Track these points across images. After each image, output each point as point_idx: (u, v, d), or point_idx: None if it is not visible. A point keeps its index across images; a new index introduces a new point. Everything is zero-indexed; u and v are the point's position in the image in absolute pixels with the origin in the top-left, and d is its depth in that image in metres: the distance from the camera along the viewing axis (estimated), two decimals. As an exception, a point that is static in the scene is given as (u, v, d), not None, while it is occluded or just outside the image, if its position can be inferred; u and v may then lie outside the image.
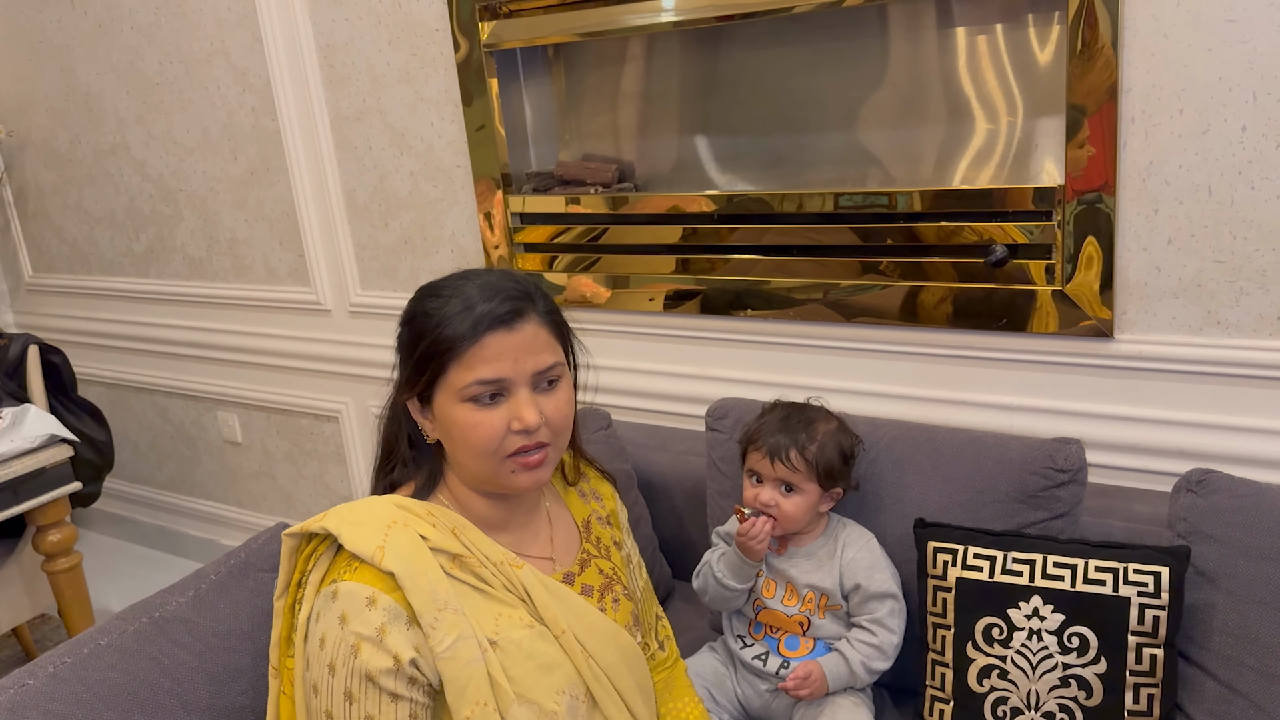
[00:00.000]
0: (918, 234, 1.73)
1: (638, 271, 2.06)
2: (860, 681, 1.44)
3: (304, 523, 1.11)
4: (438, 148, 2.22)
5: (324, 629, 1.03)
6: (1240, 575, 1.33)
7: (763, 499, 1.45)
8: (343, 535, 1.06)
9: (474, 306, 1.08)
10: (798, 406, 1.52)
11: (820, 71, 1.82)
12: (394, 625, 1.01)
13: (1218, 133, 1.46)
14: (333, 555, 1.08)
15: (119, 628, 1.28)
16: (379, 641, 1.00)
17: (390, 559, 1.03)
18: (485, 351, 1.07)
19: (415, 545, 1.06)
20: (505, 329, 1.08)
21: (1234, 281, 1.51)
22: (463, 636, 1.04)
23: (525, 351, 1.09)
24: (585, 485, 1.34)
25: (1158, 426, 1.61)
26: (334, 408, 2.64)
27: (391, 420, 1.20)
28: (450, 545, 1.09)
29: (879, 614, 1.44)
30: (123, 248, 2.95)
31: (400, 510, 1.10)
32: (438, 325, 1.08)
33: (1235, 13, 1.41)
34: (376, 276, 2.44)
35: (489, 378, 1.07)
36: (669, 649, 1.36)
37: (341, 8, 2.24)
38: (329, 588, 1.04)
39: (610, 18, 1.92)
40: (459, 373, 1.07)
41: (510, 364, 1.08)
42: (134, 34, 2.63)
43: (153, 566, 3.17)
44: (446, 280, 1.15)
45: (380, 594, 1.02)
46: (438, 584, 1.05)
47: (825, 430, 1.46)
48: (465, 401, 1.08)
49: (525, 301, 1.10)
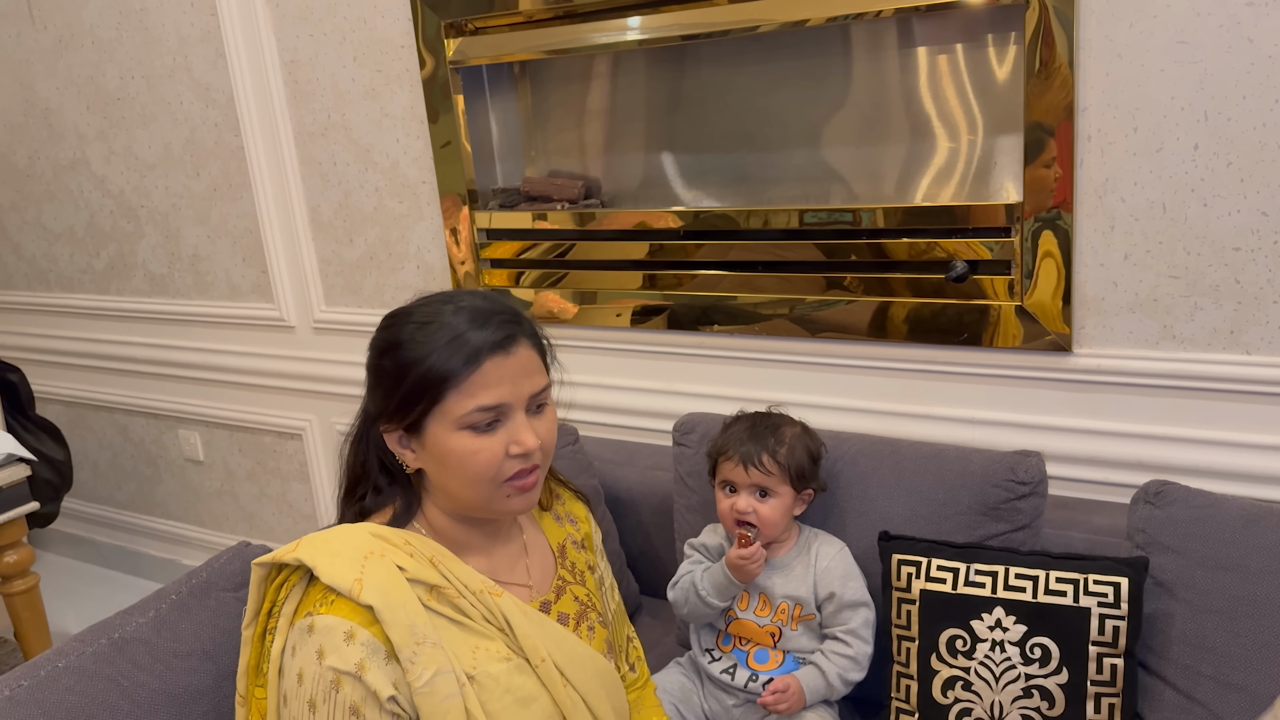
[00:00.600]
0: (881, 250, 1.75)
1: (605, 287, 2.06)
2: (836, 694, 1.45)
3: (276, 552, 1.08)
4: (403, 164, 2.22)
5: (301, 664, 1.01)
6: (1197, 585, 1.35)
7: (740, 507, 1.46)
8: (318, 567, 1.03)
9: (468, 333, 1.06)
10: (761, 415, 1.54)
11: (784, 90, 1.84)
12: (373, 660, 0.99)
13: (1171, 151, 1.50)
14: (306, 586, 1.05)
15: (77, 649, 1.25)
16: (358, 677, 0.99)
17: (369, 592, 1.01)
18: (485, 378, 1.05)
19: (393, 577, 1.03)
20: (503, 354, 1.06)
21: (1188, 296, 1.54)
22: (441, 671, 1.02)
23: (522, 375, 1.08)
24: (560, 508, 1.31)
25: (1116, 439, 1.64)
26: (298, 425, 2.62)
27: (358, 450, 1.16)
28: (428, 576, 1.06)
29: (853, 624, 1.45)
30: (83, 264, 2.92)
31: (377, 540, 1.07)
32: (431, 354, 1.05)
33: (1186, 34, 1.45)
34: (341, 293, 2.43)
35: (490, 404, 1.05)
36: (639, 670, 1.36)
37: (306, 24, 2.24)
38: (304, 620, 1.02)
39: (576, 36, 1.93)
40: (458, 401, 1.05)
41: (509, 389, 1.06)
42: (95, 49, 2.61)
43: (112, 587, 3.12)
44: (423, 306, 1.11)
45: (358, 628, 1.00)
46: (416, 617, 1.02)
47: (792, 433, 1.49)
48: (463, 429, 1.06)
49: (516, 325, 1.09)
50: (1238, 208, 1.47)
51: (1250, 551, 1.32)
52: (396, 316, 1.12)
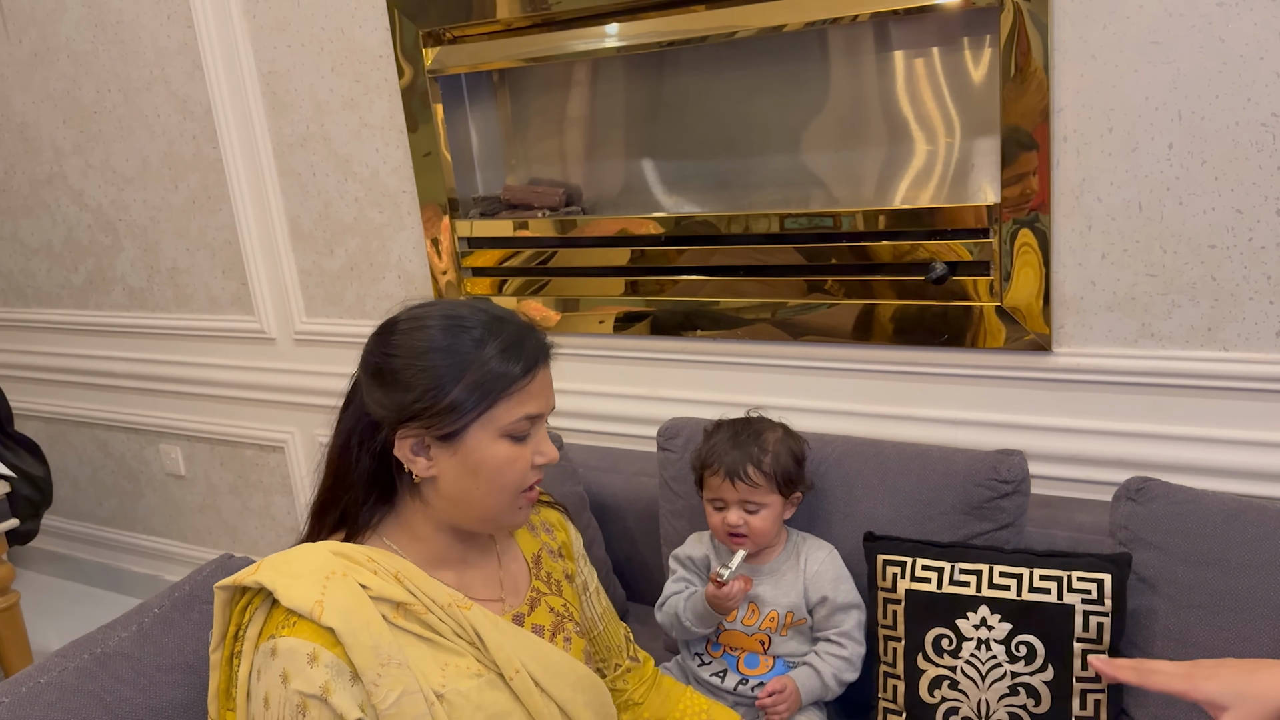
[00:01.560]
0: (861, 253, 1.76)
1: (587, 294, 2.06)
2: (831, 694, 1.45)
3: (237, 575, 1.06)
4: (383, 173, 2.21)
5: (266, 688, 0.99)
6: (1179, 580, 1.36)
7: (730, 521, 1.45)
8: (278, 590, 1.01)
9: (522, 341, 1.07)
10: (742, 422, 1.53)
11: (763, 95, 1.85)
12: (338, 682, 0.98)
13: (1146, 150, 1.51)
14: (269, 607, 1.03)
15: (59, 665, 1.24)
16: (324, 700, 0.97)
17: (329, 614, 0.99)
18: (535, 387, 1.07)
19: (356, 597, 1.02)
20: (545, 365, 1.09)
21: (1166, 294, 1.56)
22: (407, 691, 1.00)
23: (551, 389, 1.11)
24: (534, 518, 1.30)
25: (1097, 437, 1.65)
26: (279, 438, 2.60)
27: (351, 455, 1.11)
28: (393, 593, 1.05)
29: (846, 626, 1.45)
30: (61, 279, 2.89)
31: (339, 559, 1.05)
32: (489, 359, 1.04)
33: (1159, 35, 1.46)
34: (322, 304, 2.42)
35: (535, 413, 1.07)
36: (644, 658, 1.36)
37: (284, 35, 2.23)
38: (267, 644, 1.00)
39: (555, 43, 1.93)
40: (509, 409, 1.05)
41: (547, 399, 1.09)
42: (70, 62, 2.60)
43: (94, 604, 3.09)
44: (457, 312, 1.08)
45: (322, 649, 0.98)
46: (380, 637, 1.01)
47: (774, 439, 1.48)
48: (504, 438, 1.06)
49: (548, 339, 1.12)
50: (1213, 205, 1.49)
51: (1231, 546, 1.34)
52: (424, 320, 1.08)
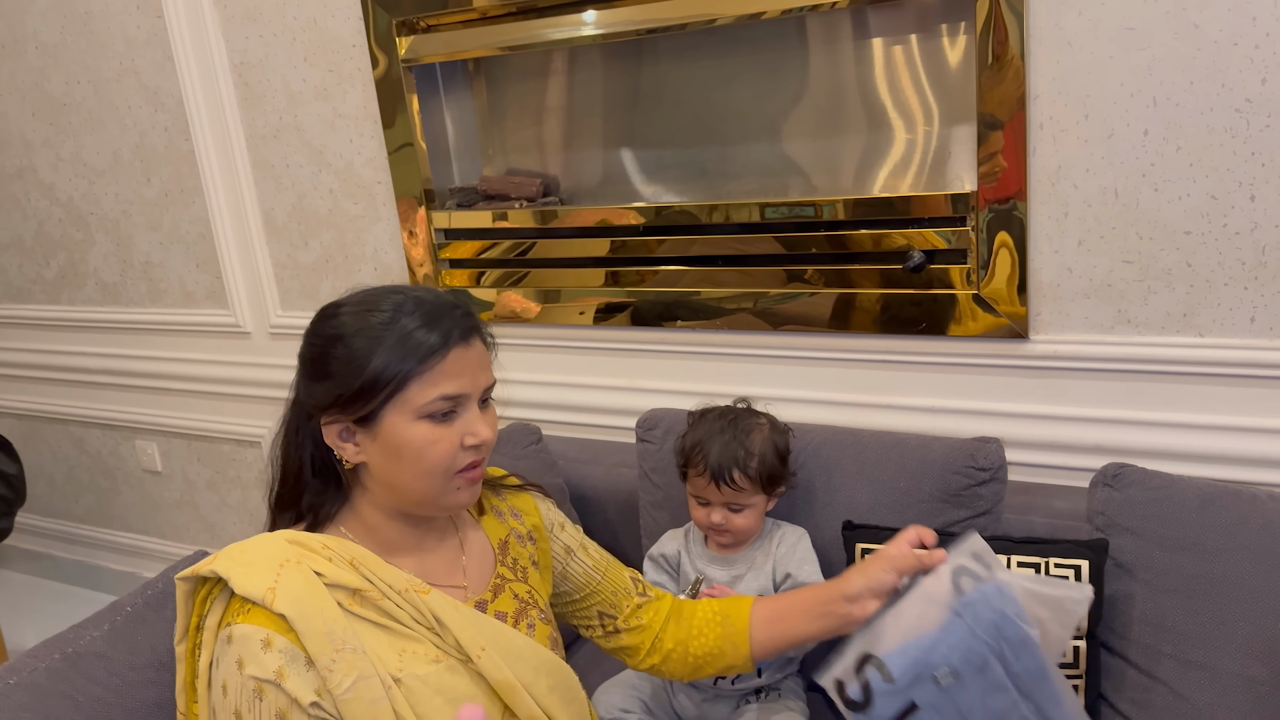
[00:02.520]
0: (840, 242, 1.75)
1: (567, 285, 2.05)
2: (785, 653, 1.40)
3: (195, 565, 1.07)
4: (357, 164, 2.19)
5: (224, 675, 0.99)
6: (1156, 566, 1.36)
7: (715, 520, 1.45)
8: (232, 578, 1.01)
9: (436, 320, 1.05)
10: (728, 416, 1.50)
11: (741, 84, 1.84)
12: (292, 667, 0.98)
13: (1121, 137, 1.51)
14: (228, 597, 1.04)
15: (29, 665, 1.22)
16: (278, 685, 0.97)
17: (281, 601, 0.99)
18: (450, 367, 1.05)
19: (309, 584, 1.02)
20: (464, 345, 1.06)
21: (1142, 281, 1.56)
22: (363, 676, 1.00)
23: (480, 368, 1.08)
24: (501, 504, 1.29)
25: (1074, 424, 1.66)
26: (256, 432, 2.58)
27: (292, 445, 1.14)
28: (348, 580, 1.05)
29: None
30: (32, 274, 2.86)
31: (294, 547, 1.06)
32: (398, 341, 1.04)
33: (1134, 21, 1.46)
34: (297, 297, 2.40)
35: (453, 393, 1.05)
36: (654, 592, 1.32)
37: (255, 24, 2.20)
38: (224, 631, 1.01)
39: (531, 32, 1.91)
40: (421, 389, 1.04)
41: (470, 380, 1.07)
42: (39, 54, 2.56)
43: (71, 603, 3.06)
44: (366, 297, 1.10)
45: (275, 635, 0.99)
46: (334, 623, 1.01)
47: (760, 439, 1.45)
48: (422, 419, 1.05)
49: (471, 318, 1.09)
50: (1188, 192, 1.49)
51: (1206, 531, 1.34)
52: (341, 306, 1.10)
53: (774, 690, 1.48)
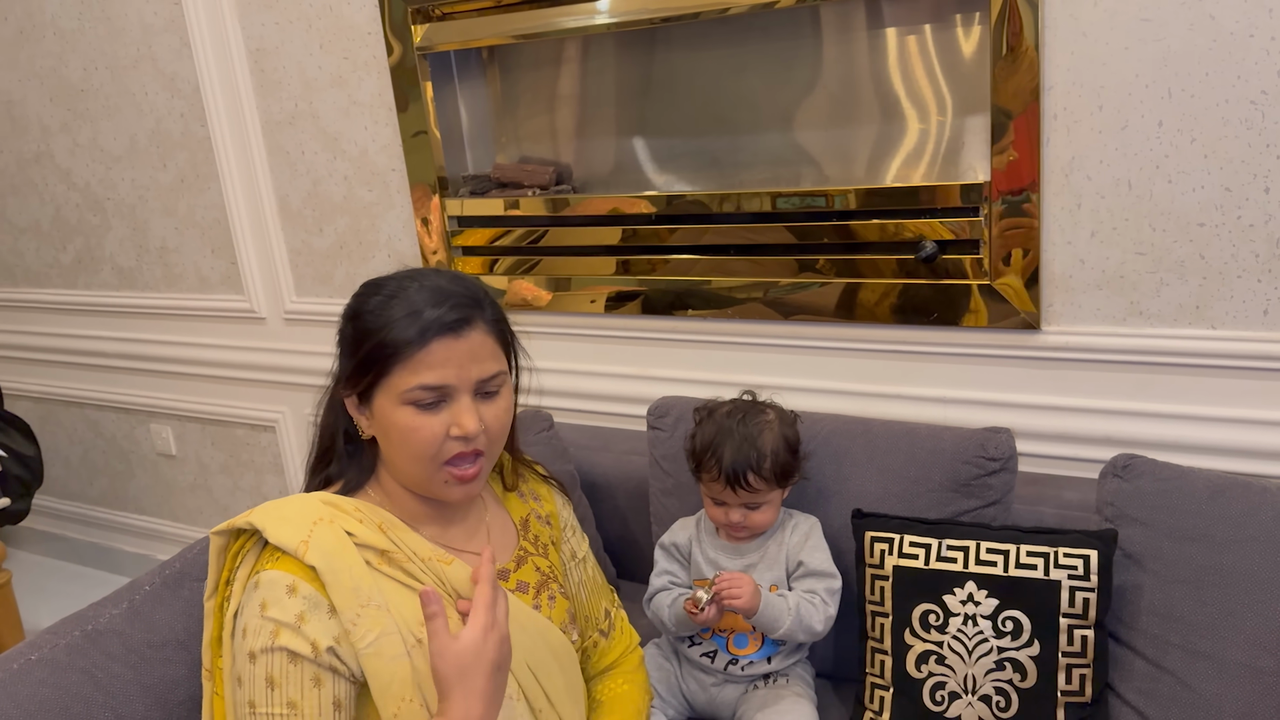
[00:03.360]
0: (852, 232, 1.76)
1: (578, 273, 2.06)
2: (784, 625, 1.39)
3: (231, 520, 1.11)
4: (372, 151, 2.20)
5: (246, 619, 1.03)
6: (1165, 556, 1.37)
7: (733, 519, 1.44)
8: (268, 530, 1.06)
9: (421, 311, 1.07)
10: (734, 414, 1.47)
11: (753, 72, 1.84)
12: (314, 614, 1.02)
13: (1136, 128, 1.51)
14: (259, 550, 1.08)
15: (50, 642, 1.25)
16: (297, 628, 1.01)
17: (313, 553, 1.04)
18: (431, 357, 1.07)
19: (340, 541, 1.06)
20: (452, 336, 1.08)
21: (1154, 272, 1.56)
22: (385, 633, 1.04)
23: (470, 359, 1.09)
24: (524, 486, 1.34)
25: (1085, 415, 1.66)
26: (270, 417, 2.60)
27: (329, 413, 1.20)
28: (377, 541, 1.09)
29: (818, 589, 1.45)
30: (49, 259, 2.88)
31: (327, 507, 1.10)
32: (383, 327, 1.08)
33: (1149, 12, 1.46)
34: (311, 283, 2.41)
35: (432, 384, 1.07)
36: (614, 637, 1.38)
37: (271, 12, 2.21)
38: (253, 579, 1.05)
39: (545, 20, 1.92)
40: (402, 376, 1.07)
41: (455, 371, 1.08)
42: (57, 40, 2.57)
43: (86, 584, 3.09)
44: (392, 278, 1.14)
45: (301, 582, 1.03)
46: (361, 580, 1.05)
47: (771, 438, 1.43)
48: (406, 405, 1.08)
49: (473, 309, 1.10)
50: (1202, 184, 1.49)
51: (1216, 522, 1.34)
52: (369, 285, 1.15)
53: (782, 675, 1.49)
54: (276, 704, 1.00)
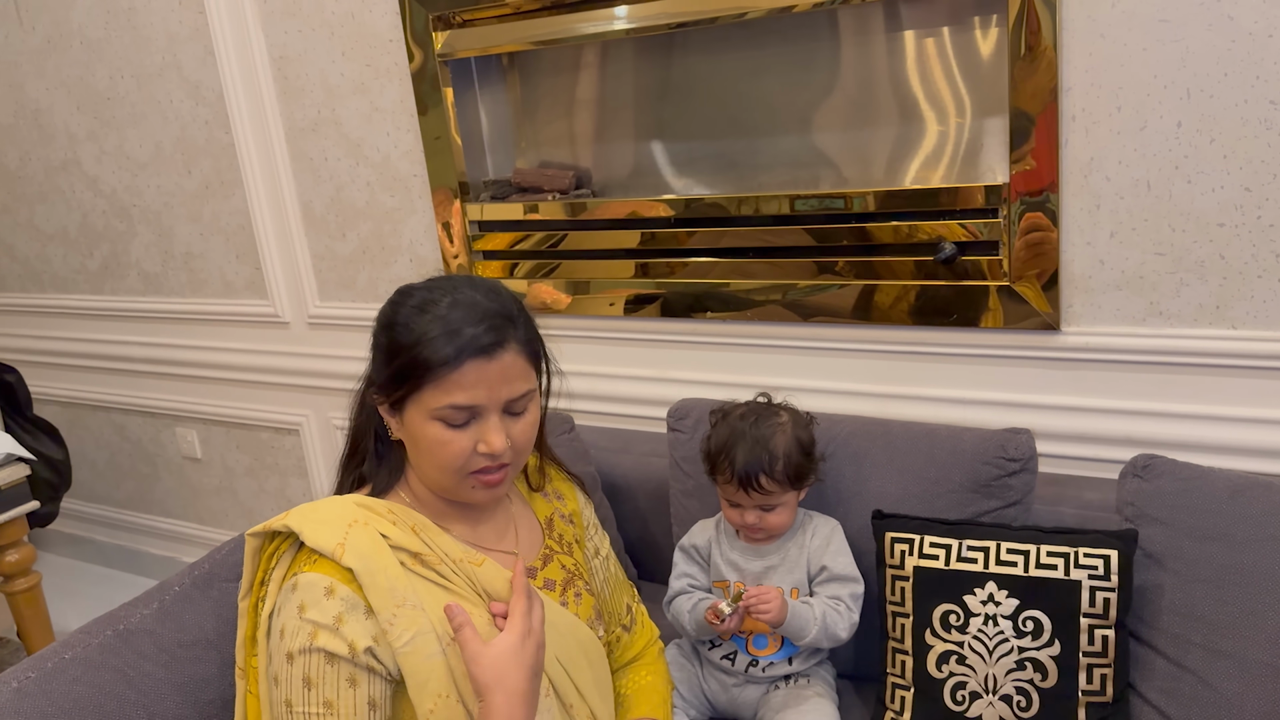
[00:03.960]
0: (870, 234, 1.76)
1: (598, 277, 2.08)
2: (810, 634, 1.41)
3: (267, 521, 1.13)
4: (394, 157, 2.22)
5: (284, 620, 1.05)
6: (1185, 556, 1.37)
7: (748, 521, 1.46)
8: (304, 532, 1.08)
9: (457, 331, 1.07)
10: (748, 417, 1.48)
11: (772, 75, 1.85)
12: (352, 615, 1.04)
13: (1154, 129, 1.51)
14: (295, 552, 1.10)
15: (83, 641, 1.27)
16: (335, 630, 1.03)
17: (350, 556, 1.06)
18: (463, 379, 1.07)
19: (375, 543, 1.08)
20: (485, 358, 1.08)
21: (1174, 273, 1.56)
22: (421, 632, 1.06)
23: (501, 381, 1.10)
24: (548, 485, 1.36)
25: (1105, 415, 1.66)
26: (295, 420, 2.63)
27: (360, 412, 1.22)
28: (411, 543, 1.11)
29: (842, 594, 1.46)
30: (76, 265, 2.92)
31: (361, 509, 1.12)
32: (417, 343, 1.08)
33: (1168, 13, 1.46)
34: (335, 287, 2.44)
35: (463, 404, 1.08)
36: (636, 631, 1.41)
37: (294, 19, 2.24)
38: (290, 580, 1.07)
39: (564, 26, 1.94)
40: (434, 394, 1.08)
41: (485, 392, 1.09)
42: (84, 49, 2.61)
43: (113, 586, 3.13)
44: (426, 288, 1.14)
45: (339, 584, 1.05)
46: (396, 580, 1.07)
47: (784, 440, 1.44)
48: (435, 420, 1.09)
49: (507, 328, 1.10)
50: (1221, 184, 1.49)
51: (1236, 521, 1.34)
52: (404, 293, 1.15)
53: (803, 676, 1.50)
54: (313, 703, 1.02)
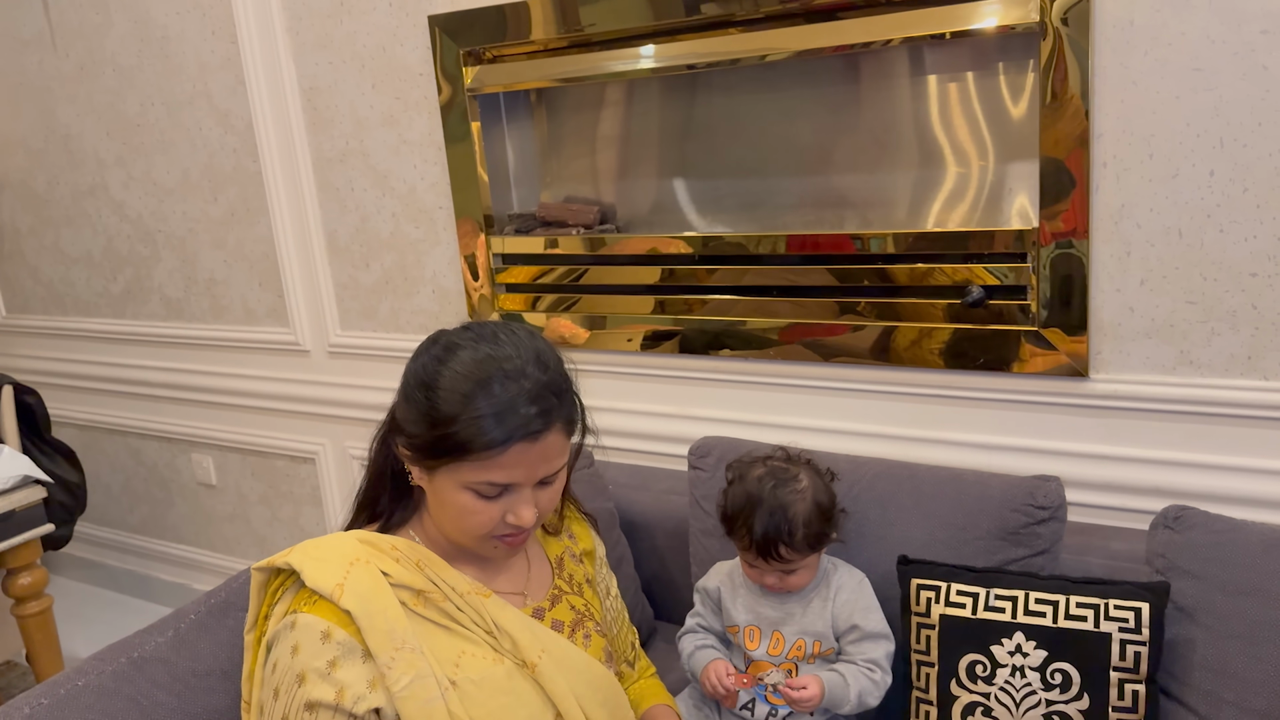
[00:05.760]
0: (896, 275, 1.75)
1: (615, 312, 2.07)
2: (846, 706, 1.39)
3: (271, 557, 1.12)
4: (420, 189, 2.23)
5: (277, 655, 1.04)
6: (1218, 610, 1.34)
7: (769, 583, 1.43)
8: (305, 571, 1.07)
9: (506, 414, 1.04)
10: (765, 480, 1.43)
11: (797, 117, 1.86)
12: (347, 659, 1.03)
13: (1187, 177, 1.51)
14: (297, 589, 1.09)
15: (96, 668, 1.26)
16: (326, 674, 1.01)
17: (348, 597, 1.04)
18: (506, 460, 1.06)
19: (376, 583, 1.07)
20: (530, 441, 1.06)
21: (1205, 322, 1.55)
22: (420, 676, 1.04)
23: (542, 460, 1.09)
24: (560, 523, 1.34)
25: (1133, 465, 1.64)
26: (311, 449, 2.62)
27: (380, 452, 1.20)
28: (414, 581, 1.10)
29: (876, 655, 1.42)
30: (99, 288, 2.94)
31: (364, 546, 1.11)
32: (464, 420, 1.04)
33: (1201, 61, 1.46)
34: (356, 317, 2.44)
35: (504, 482, 1.08)
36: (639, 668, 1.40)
37: (325, 52, 2.27)
38: (289, 618, 1.06)
39: (591, 64, 1.95)
40: (473, 470, 1.06)
41: (524, 472, 1.08)
42: (116, 76, 2.64)
43: (123, 611, 3.11)
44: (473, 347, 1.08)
45: (336, 628, 1.04)
46: (396, 623, 1.05)
47: (803, 508, 1.39)
48: (467, 490, 1.08)
49: (554, 410, 1.07)
50: (1254, 233, 1.48)
51: (1271, 576, 1.32)
52: (446, 349, 1.09)
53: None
54: None
